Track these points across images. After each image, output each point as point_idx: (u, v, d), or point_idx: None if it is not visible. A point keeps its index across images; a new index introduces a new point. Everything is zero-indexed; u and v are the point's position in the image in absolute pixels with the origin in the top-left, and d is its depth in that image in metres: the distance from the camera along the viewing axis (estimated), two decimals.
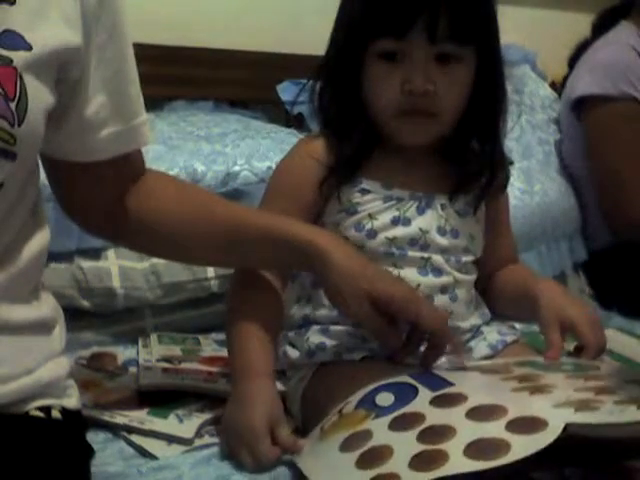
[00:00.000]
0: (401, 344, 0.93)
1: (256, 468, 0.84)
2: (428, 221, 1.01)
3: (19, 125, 0.67)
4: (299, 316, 1.02)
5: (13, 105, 0.67)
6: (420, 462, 0.71)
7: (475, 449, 0.70)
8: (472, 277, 1.05)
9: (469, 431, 0.74)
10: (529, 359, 0.95)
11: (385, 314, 0.89)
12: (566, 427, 0.69)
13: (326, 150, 1.01)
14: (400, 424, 0.78)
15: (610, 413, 0.71)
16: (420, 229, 1.00)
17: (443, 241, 1.01)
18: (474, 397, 0.80)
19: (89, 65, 0.76)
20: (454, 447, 0.71)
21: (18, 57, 0.67)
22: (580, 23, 1.88)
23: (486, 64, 0.99)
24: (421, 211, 1.01)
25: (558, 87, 1.97)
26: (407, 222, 1.00)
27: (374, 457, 0.74)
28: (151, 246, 0.96)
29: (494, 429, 0.72)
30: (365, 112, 0.99)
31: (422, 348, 0.93)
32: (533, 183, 1.74)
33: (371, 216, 0.99)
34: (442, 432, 0.74)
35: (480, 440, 0.71)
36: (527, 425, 0.71)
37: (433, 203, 1.01)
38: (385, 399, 0.84)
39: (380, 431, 0.78)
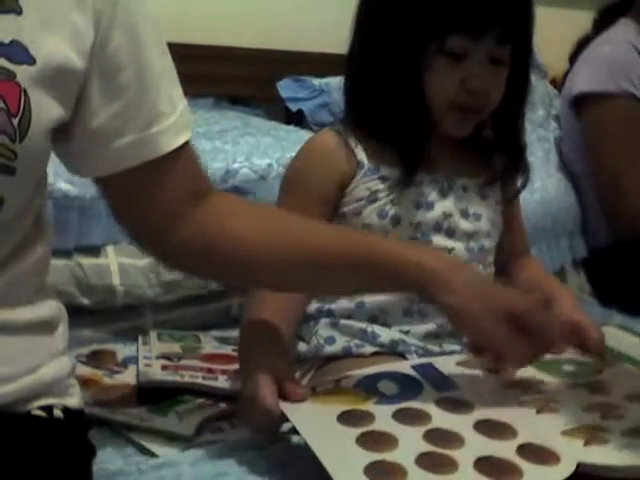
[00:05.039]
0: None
1: (258, 424, 0.83)
2: (451, 204, 1.02)
3: (20, 141, 0.66)
4: (311, 309, 1.02)
5: (16, 121, 0.66)
6: (428, 462, 0.71)
7: (486, 465, 0.71)
8: (490, 270, 1.07)
9: (479, 445, 0.74)
10: None
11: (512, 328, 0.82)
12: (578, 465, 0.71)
13: (352, 145, 1.01)
14: (405, 417, 0.78)
15: (619, 449, 0.73)
16: (443, 212, 1.01)
17: (467, 225, 1.03)
18: (481, 408, 0.81)
19: (101, 74, 0.73)
20: (464, 458, 0.72)
21: (21, 72, 0.66)
22: (581, 20, 1.88)
23: (519, 62, 1.02)
24: (443, 194, 1.02)
25: (558, 84, 1.97)
26: (430, 206, 1.01)
27: (377, 441, 0.74)
28: (217, 269, 0.86)
29: (505, 449, 0.73)
30: (419, 104, 0.99)
31: None
32: (533, 180, 1.73)
33: (393, 202, 1.00)
34: (449, 438, 0.75)
35: (491, 457, 0.72)
36: (539, 455, 0.73)
37: (454, 186, 1.03)
38: (388, 387, 0.84)
39: (383, 418, 0.78)
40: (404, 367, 0.90)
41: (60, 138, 0.73)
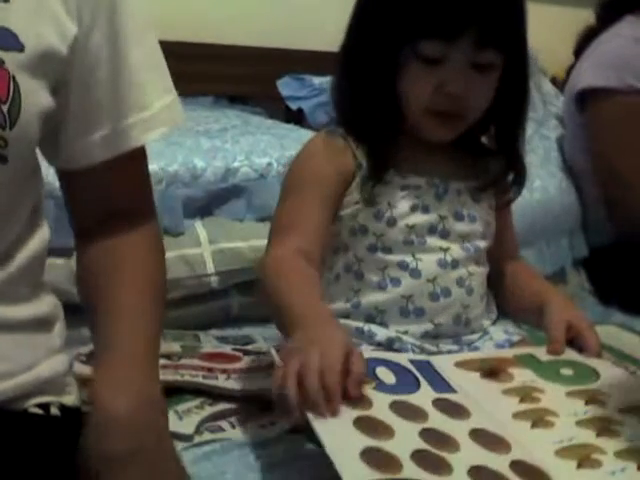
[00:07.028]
0: None
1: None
2: (446, 207, 1.02)
3: (11, 128, 0.66)
4: None
5: (5, 107, 0.66)
6: (423, 460, 0.71)
7: (480, 475, 0.71)
8: (485, 269, 1.07)
9: (473, 453, 0.74)
10: (529, 351, 0.97)
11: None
12: None
13: (353, 146, 1.01)
14: (402, 410, 0.78)
15: (611, 473, 0.73)
16: (439, 215, 1.01)
17: (462, 226, 1.03)
18: (477, 416, 0.80)
19: (81, 67, 0.73)
20: (458, 463, 0.71)
21: (10, 58, 0.66)
22: (581, 18, 1.88)
23: (514, 67, 1.00)
24: (439, 198, 1.02)
25: (559, 82, 1.96)
26: (426, 209, 1.01)
27: (374, 427, 0.74)
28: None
29: (498, 463, 0.73)
30: (393, 107, 0.99)
31: None
32: (533, 179, 1.74)
33: (390, 204, 1.00)
34: (445, 440, 0.75)
35: (485, 468, 0.72)
36: (531, 475, 0.72)
37: (450, 189, 1.03)
38: (386, 375, 0.84)
39: (381, 406, 0.77)
40: (402, 359, 0.89)
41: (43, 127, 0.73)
